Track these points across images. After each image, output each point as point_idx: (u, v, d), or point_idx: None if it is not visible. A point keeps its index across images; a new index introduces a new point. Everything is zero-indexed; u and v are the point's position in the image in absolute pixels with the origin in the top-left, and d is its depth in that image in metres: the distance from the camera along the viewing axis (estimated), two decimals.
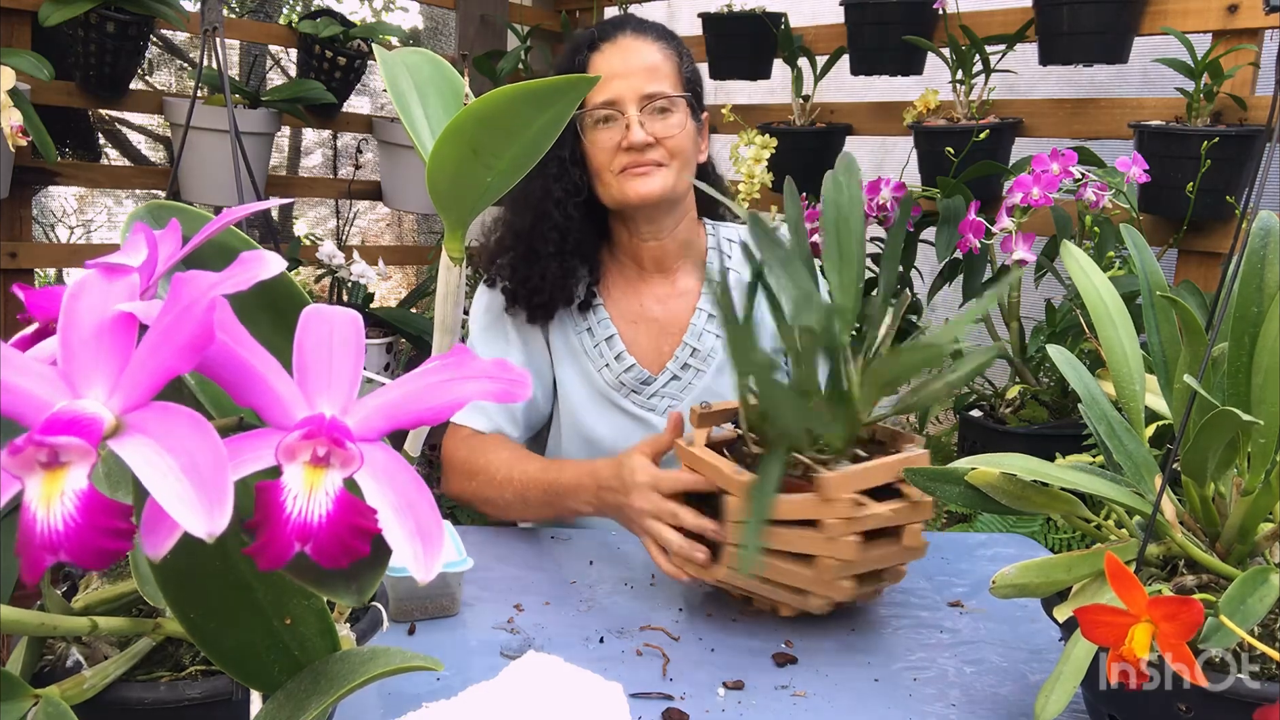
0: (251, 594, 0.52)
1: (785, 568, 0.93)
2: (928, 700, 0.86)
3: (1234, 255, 0.76)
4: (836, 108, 2.45)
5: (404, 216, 5.68)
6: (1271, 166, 0.73)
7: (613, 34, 1.31)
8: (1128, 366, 0.81)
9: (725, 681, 0.88)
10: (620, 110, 1.26)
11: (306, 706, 0.50)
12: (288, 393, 0.41)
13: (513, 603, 1.03)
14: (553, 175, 1.30)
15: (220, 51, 0.85)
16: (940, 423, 2.49)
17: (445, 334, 0.64)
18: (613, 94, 1.26)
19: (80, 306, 0.40)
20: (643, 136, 1.24)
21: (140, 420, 0.38)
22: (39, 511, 0.35)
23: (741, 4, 2.51)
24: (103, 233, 5.55)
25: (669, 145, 1.27)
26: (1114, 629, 0.62)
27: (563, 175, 1.29)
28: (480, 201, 0.59)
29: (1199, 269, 1.87)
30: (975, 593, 1.08)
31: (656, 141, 1.26)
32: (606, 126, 1.27)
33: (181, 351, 0.38)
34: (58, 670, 0.60)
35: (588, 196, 1.31)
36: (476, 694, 0.80)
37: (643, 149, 1.25)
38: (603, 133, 1.27)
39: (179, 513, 0.36)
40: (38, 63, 1.94)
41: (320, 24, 2.46)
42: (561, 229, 1.29)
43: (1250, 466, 0.75)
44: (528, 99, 0.52)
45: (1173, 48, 1.79)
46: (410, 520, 0.41)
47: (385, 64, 0.63)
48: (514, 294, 1.32)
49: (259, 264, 0.42)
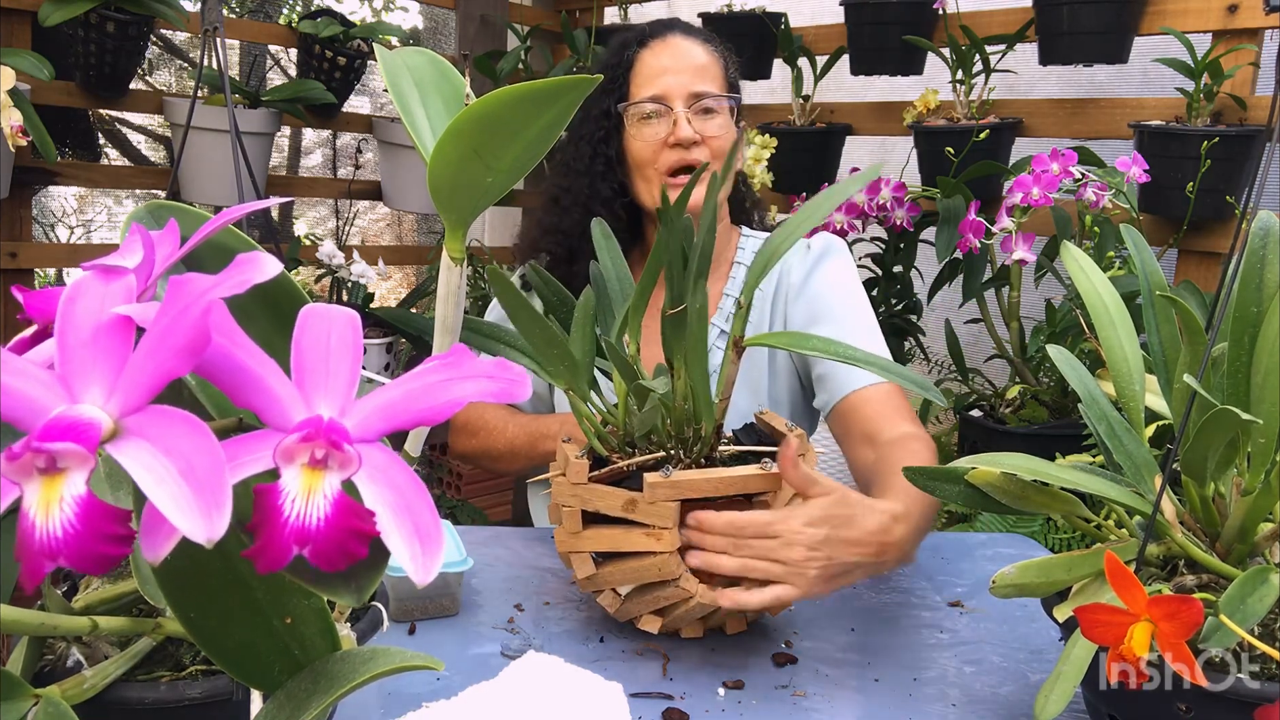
0: (251, 594, 0.52)
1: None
2: (928, 700, 0.86)
3: (1234, 255, 0.76)
4: (836, 108, 2.45)
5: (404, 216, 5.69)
6: (1271, 166, 0.73)
7: (663, 32, 1.32)
8: (1128, 366, 0.81)
9: (725, 681, 0.88)
10: (668, 105, 1.27)
11: (307, 706, 0.49)
12: (286, 394, 0.41)
13: (513, 603, 1.03)
14: (600, 174, 1.31)
15: (220, 51, 0.85)
16: (940, 422, 2.49)
17: (445, 334, 0.64)
18: (661, 89, 1.27)
19: (77, 309, 0.40)
20: (690, 132, 1.25)
21: (138, 424, 0.38)
22: (38, 518, 0.35)
23: (741, 4, 2.51)
24: (103, 233, 5.56)
25: (714, 146, 1.27)
26: (1114, 628, 0.62)
27: (609, 174, 1.31)
28: (481, 202, 0.59)
29: (1199, 269, 1.87)
30: (975, 593, 1.08)
31: (702, 140, 1.26)
32: (651, 122, 1.27)
33: (178, 354, 0.38)
34: (58, 670, 0.60)
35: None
36: (476, 694, 0.80)
37: (689, 146, 1.26)
38: (648, 127, 1.28)
39: (177, 518, 0.36)
40: (38, 63, 1.94)
41: (320, 24, 2.46)
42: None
43: (1250, 466, 0.75)
44: (529, 99, 0.52)
45: (1173, 48, 1.79)
46: (409, 521, 0.41)
47: (386, 64, 0.63)
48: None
49: (256, 266, 0.42)
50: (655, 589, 0.90)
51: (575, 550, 0.91)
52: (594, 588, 0.93)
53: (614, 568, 0.90)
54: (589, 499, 0.89)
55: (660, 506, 0.86)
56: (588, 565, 0.91)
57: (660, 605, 0.91)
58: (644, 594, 0.91)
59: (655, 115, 1.27)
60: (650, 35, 1.32)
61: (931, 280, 2.07)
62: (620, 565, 0.90)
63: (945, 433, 2.17)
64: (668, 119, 1.26)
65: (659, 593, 0.90)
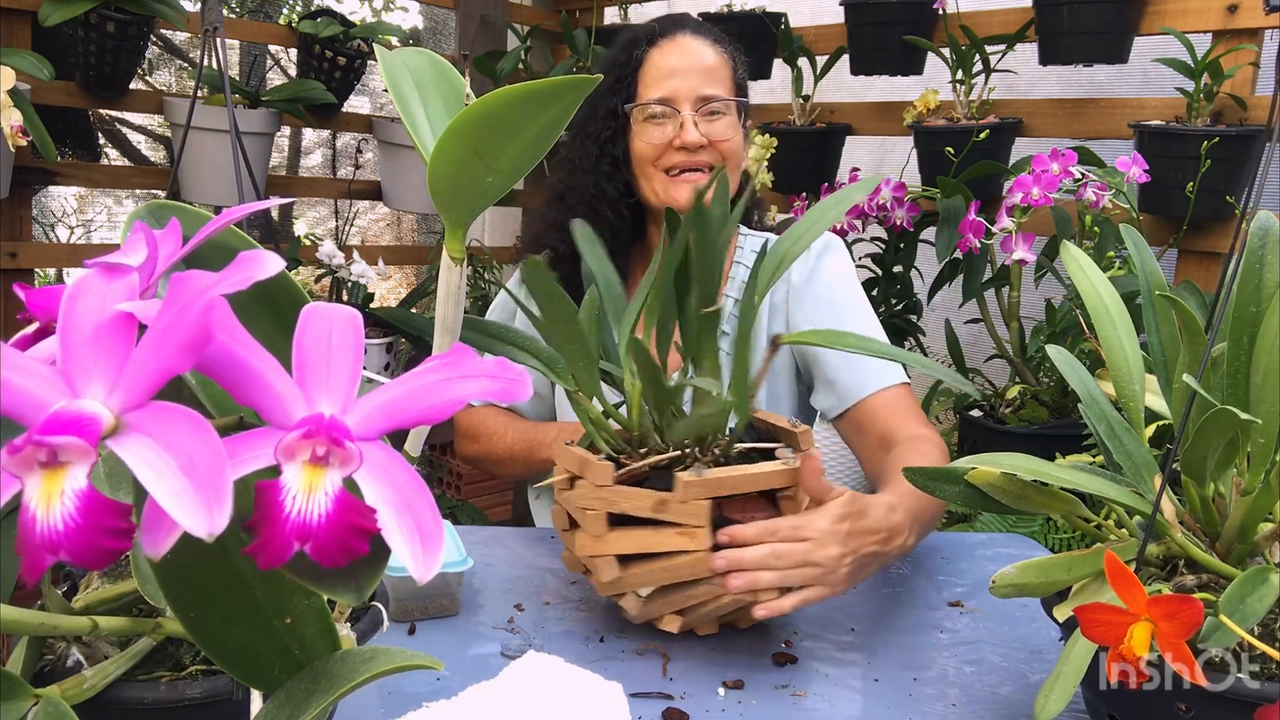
0: (251, 593, 0.52)
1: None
2: (928, 700, 0.86)
3: (1233, 255, 0.76)
4: (836, 108, 2.45)
5: (404, 216, 5.69)
6: (1271, 166, 0.73)
7: (672, 31, 1.31)
8: (1127, 366, 0.81)
9: (725, 681, 0.88)
10: (676, 108, 1.26)
11: (306, 706, 0.49)
12: (287, 392, 0.41)
13: (513, 603, 1.03)
14: (605, 174, 1.30)
15: (220, 51, 0.85)
16: (940, 422, 2.49)
17: (446, 334, 0.64)
18: (669, 91, 1.26)
19: (79, 306, 0.40)
20: (697, 137, 1.25)
21: (139, 420, 0.38)
22: (38, 511, 0.35)
23: (741, 4, 2.51)
24: (103, 233, 5.56)
25: (721, 148, 1.27)
26: (1114, 628, 0.62)
27: (615, 174, 1.30)
28: (481, 202, 0.59)
29: (1199, 269, 1.87)
30: (975, 593, 1.08)
31: (709, 144, 1.26)
32: (658, 122, 1.27)
33: (180, 351, 0.38)
34: (58, 670, 0.59)
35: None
36: (476, 694, 0.80)
37: (695, 149, 1.26)
38: (654, 128, 1.27)
39: (178, 513, 0.36)
40: (38, 63, 1.94)
41: (320, 24, 2.46)
42: (614, 229, 1.30)
43: (1250, 466, 0.75)
44: (529, 99, 0.52)
45: (1173, 48, 1.79)
46: (409, 520, 0.41)
47: (386, 64, 0.63)
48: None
49: (257, 264, 0.42)
50: (684, 588, 0.89)
51: (599, 554, 0.89)
52: (616, 591, 0.91)
53: (642, 569, 0.89)
54: (615, 501, 0.87)
55: (694, 505, 0.85)
56: (613, 569, 0.89)
57: (688, 604, 0.90)
58: (669, 594, 0.90)
59: (662, 117, 1.27)
60: (660, 34, 1.31)
61: (931, 280, 2.08)
62: (649, 566, 0.88)
63: (945, 433, 2.17)
64: (674, 121, 1.26)
65: (689, 591, 0.89)
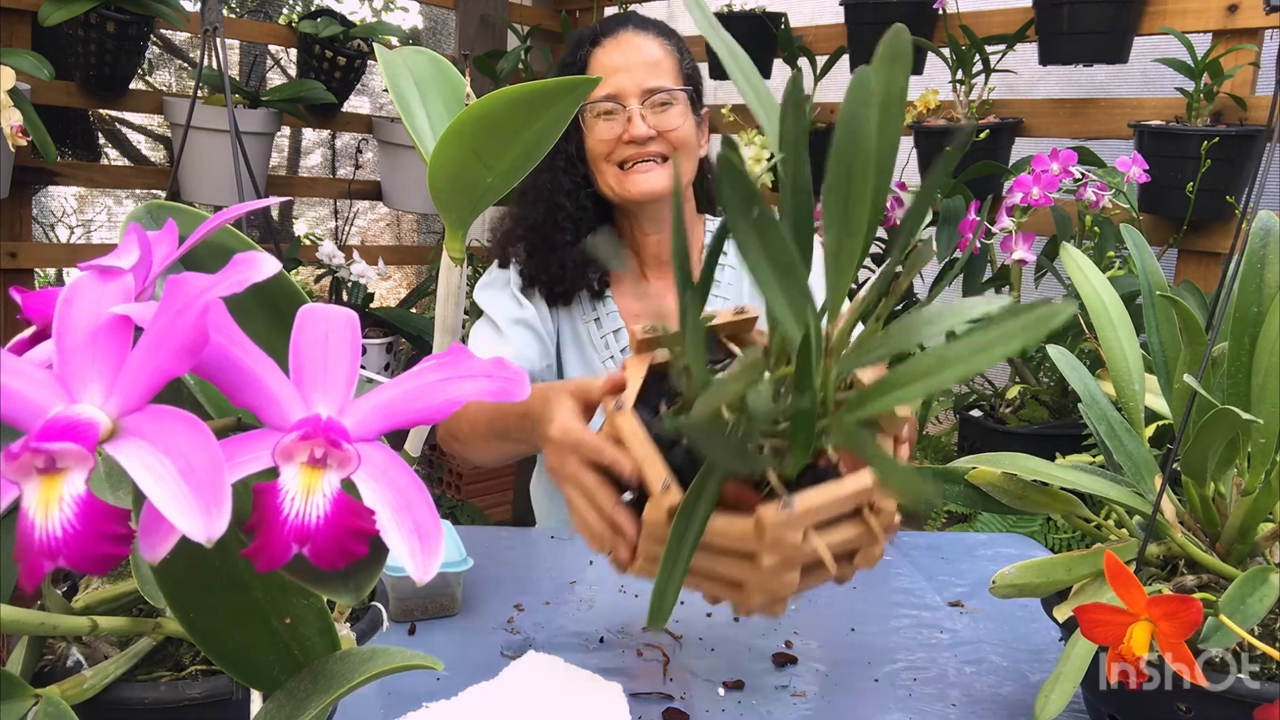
0: (251, 594, 0.52)
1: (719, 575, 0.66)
2: (928, 700, 0.86)
3: (1234, 255, 0.76)
4: (836, 108, 2.44)
5: (404, 216, 5.68)
6: (1271, 166, 0.73)
7: (615, 30, 1.33)
8: (1128, 367, 0.81)
9: (725, 681, 0.88)
10: (622, 103, 1.28)
11: (306, 706, 0.49)
12: (284, 393, 0.41)
13: (513, 603, 1.03)
14: (561, 169, 1.32)
15: (220, 51, 0.85)
16: (940, 422, 2.48)
17: (445, 334, 0.64)
18: (614, 88, 1.28)
19: (74, 309, 0.40)
20: (644, 129, 1.26)
21: (137, 424, 0.38)
22: (37, 518, 0.35)
23: (742, 4, 2.51)
24: (103, 233, 5.55)
25: (671, 138, 1.28)
26: (1113, 628, 0.62)
27: (570, 169, 1.32)
28: (481, 202, 0.59)
29: (1199, 269, 1.87)
30: (975, 593, 1.08)
31: (658, 134, 1.27)
32: (608, 119, 1.28)
33: (176, 354, 0.38)
34: (58, 670, 0.59)
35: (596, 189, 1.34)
36: (476, 694, 0.80)
37: (644, 142, 1.27)
38: (603, 125, 1.28)
39: (176, 517, 0.36)
40: (38, 63, 1.94)
41: (320, 24, 2.46)
42: (575, 218, 1.32)
43: (1250, 466, 0.75)
44: (529, 100, 0.52)
45: (1173, 48, 1.79)
46: (408, 520, 0.41)
47: (386, 64, 0.63)
48: (533, 279, 1.33)
49: (253, 265, 0.42)
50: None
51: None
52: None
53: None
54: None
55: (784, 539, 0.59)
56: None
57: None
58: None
59: (610, 113, 1.28)
60: (602, 33, 1.33)
61: (931, 280, 2.07)
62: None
63: (945, 433, 2.17)
64: (623, 116, 1.27)
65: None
